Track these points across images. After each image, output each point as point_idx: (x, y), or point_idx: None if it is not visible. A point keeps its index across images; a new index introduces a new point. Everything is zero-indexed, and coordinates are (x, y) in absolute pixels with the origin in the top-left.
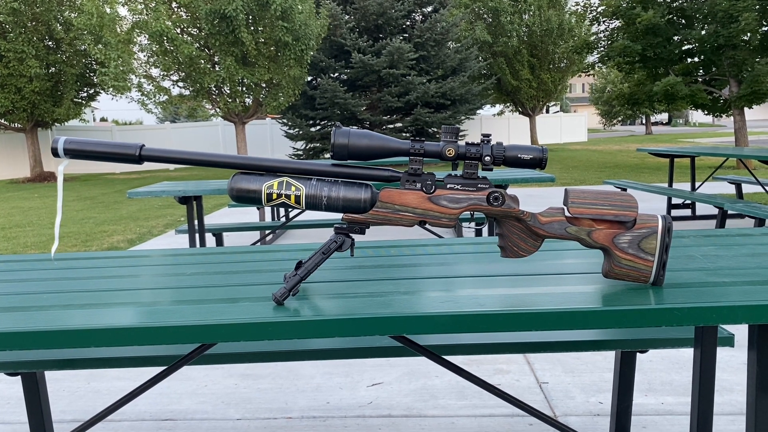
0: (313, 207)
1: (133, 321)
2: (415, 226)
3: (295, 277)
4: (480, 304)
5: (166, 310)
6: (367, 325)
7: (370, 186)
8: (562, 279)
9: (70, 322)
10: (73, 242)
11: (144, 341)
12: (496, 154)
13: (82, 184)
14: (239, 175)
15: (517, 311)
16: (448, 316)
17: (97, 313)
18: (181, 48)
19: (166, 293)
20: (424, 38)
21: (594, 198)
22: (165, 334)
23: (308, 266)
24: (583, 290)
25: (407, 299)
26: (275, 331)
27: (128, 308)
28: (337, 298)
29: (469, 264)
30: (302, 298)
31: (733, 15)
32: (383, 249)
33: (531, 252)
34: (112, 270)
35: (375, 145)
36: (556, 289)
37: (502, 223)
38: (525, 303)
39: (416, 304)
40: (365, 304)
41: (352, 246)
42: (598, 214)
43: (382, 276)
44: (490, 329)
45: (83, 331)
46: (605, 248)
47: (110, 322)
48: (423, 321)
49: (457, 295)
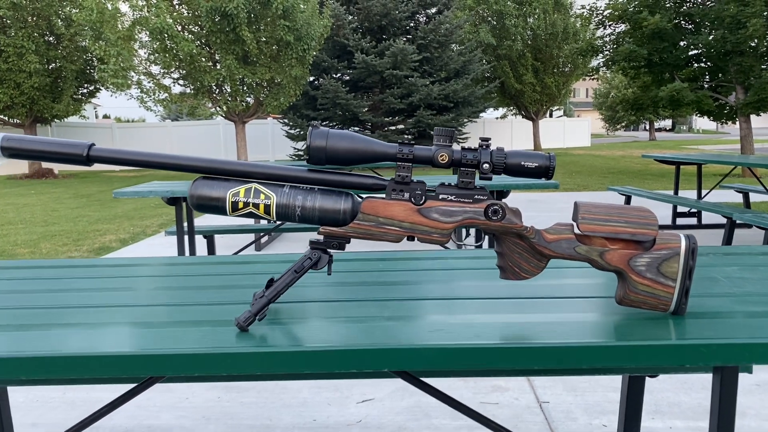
0: (285, 218)
1: (72, 347)
2: (403, 240)
3: (262, 299)
4: (476, 334)
5: (114, 334)
6: (340, 359)
7: (351, 195)
8: (569, 304)
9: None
10: (64, 241)
11: (80, 372)
12: (496, 161)
13: (80, 181)
14: (201, 180)
15: (519, 345)
16: (437, 349)
17: (35, 336)
18: (181, 45)
19: (120, 313)
20: (427, 40)
21: (607, 213)
22: (104, 364)
23: (278, 287)
24: (594, 319)
25: (392, 327)
26: (235, 364)
27: (72, 331)
28: (310, 322)
29: (466, 282)
30: (272, 322)
31: (741, 21)
32: (370, 262)
33: (534, 274)
34: (69, 282)
35: (357, 149)
36: (563, 317)
37: (501, 240)
38: (527, 335)
39: (402, 333)
40: (343, 332)
41: (330, 263)
42: (612, 232)
43: (366, 296)
44: (487, 365)
45: (6, 359)
46: (620, 271)
47: (40, 349)
48: (408, 355)
49: (451, 323)
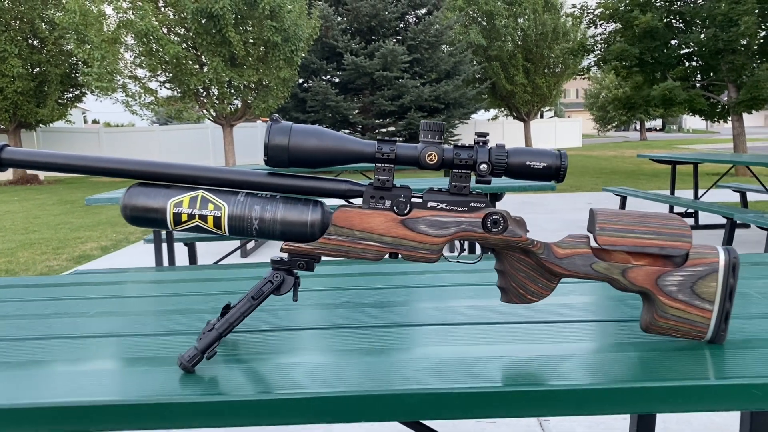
0: (240, 232)
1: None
2: (385, 257)
3: (211, 333)
4: (473, 374)
5: (27, 377)
6: (307, 410)
7: (321, 204)
8: (582, 330)
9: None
10: (43, 249)
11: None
12: (496, 160)
13: (66, 187)
14: (137, 188)
15: (527, 389)
16: (425, 395)
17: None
18: (167, 48)
19: (44, 348)
20: (417, 41)
21: (630, 222)
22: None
23: (230, 318)
24: (615, 350)
25: (373, 365)
26: (173, 417)
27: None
28: (273, 359)
29: (458, 301)
30: (226, 358)
31: (732, 18)
32: (349, 278)
33: (543, 296)
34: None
35: (326, 147)
36: (577, 348)
37: (503, 256)
38: (536, 373)
39: (384, 374)
40: (313, 372)
41: (296, 287)
42: (636, 245)
43: (343, 321)
44: (488, 413)
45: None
46: (646, 292)
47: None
48: (389, 403)
49: (442, 357)
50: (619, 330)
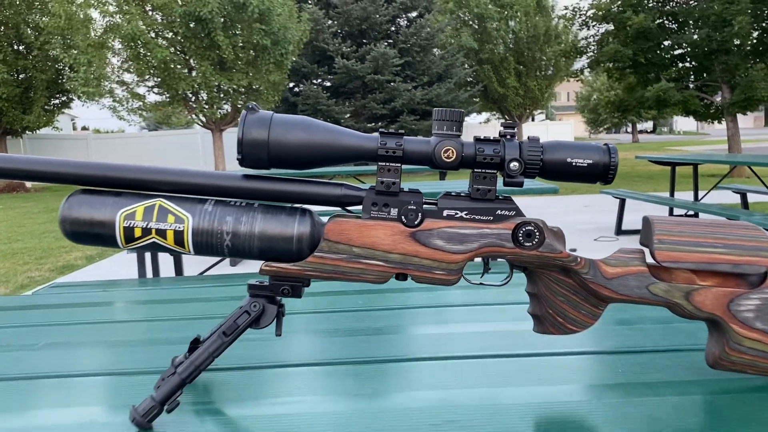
0: (208, 250)
1: None
2: (391, 279)
3: (172, 379)
4: (504, 427)
5: None
6: None
7: (310, 213)
8: (629, 364)
9: None
10: (25, 260)
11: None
12: (529, 157)
13: (53, 194)
14: (79, 196)
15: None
16: None
17: None
18: (155, 52)
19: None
20: (409, 44)
21: (695, 234)
22: None
23: (197, 360)
24: (673, 392)
25: (373, 419)
26: None
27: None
28: (252, 406)
29: (471, 326)
30: (194, 407)
31: (726, 19)
32: (345, 297)
33: (587, 325)
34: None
35: (317, 143)
36: (616, 400)
37: (537, 276)
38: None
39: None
40: (299, 427)
41: (280, 319)
42: (704, 261)
43: (338, 354)
44: None
45: None
46: (715, 319)
47: None
48: None
49: (457, 404)
50: (677, 364)
